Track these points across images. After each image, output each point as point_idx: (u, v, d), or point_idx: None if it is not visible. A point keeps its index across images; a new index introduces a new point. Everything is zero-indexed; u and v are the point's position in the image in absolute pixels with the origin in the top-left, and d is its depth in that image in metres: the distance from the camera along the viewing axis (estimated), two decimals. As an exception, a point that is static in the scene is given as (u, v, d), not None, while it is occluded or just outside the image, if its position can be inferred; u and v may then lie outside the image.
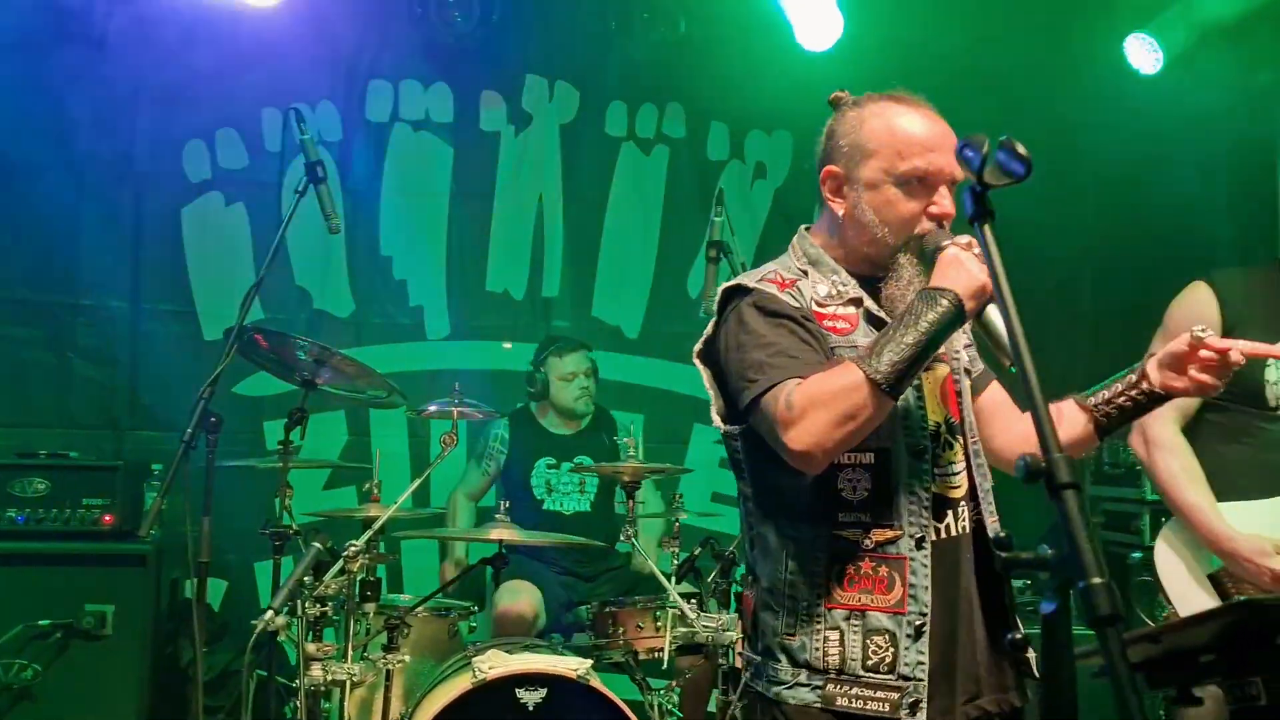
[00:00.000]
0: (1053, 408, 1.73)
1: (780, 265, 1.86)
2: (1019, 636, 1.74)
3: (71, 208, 4.58)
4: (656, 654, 3.17)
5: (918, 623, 1.70)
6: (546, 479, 4.20)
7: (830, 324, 1.77)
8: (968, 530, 1.80)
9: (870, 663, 1.70)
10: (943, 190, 1.76)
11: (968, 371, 1.93)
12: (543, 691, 2.88)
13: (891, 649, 1.70)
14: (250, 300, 2.96)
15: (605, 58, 5.14)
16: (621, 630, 3.23)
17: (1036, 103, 4.79)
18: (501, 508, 3.23)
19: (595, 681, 2.94)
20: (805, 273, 1.83)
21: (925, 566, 1.72)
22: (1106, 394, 1.84)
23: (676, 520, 3.40)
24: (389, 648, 3.03)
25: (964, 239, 1.69)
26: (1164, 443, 2.61)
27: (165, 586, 3.90)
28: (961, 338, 1.94)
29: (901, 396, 1.68)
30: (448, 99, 5.02)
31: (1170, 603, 2.60)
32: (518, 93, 5.11)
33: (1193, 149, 4.62)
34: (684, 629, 3.10)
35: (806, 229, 1.91)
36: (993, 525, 1.82)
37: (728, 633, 2.97)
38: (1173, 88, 4.60)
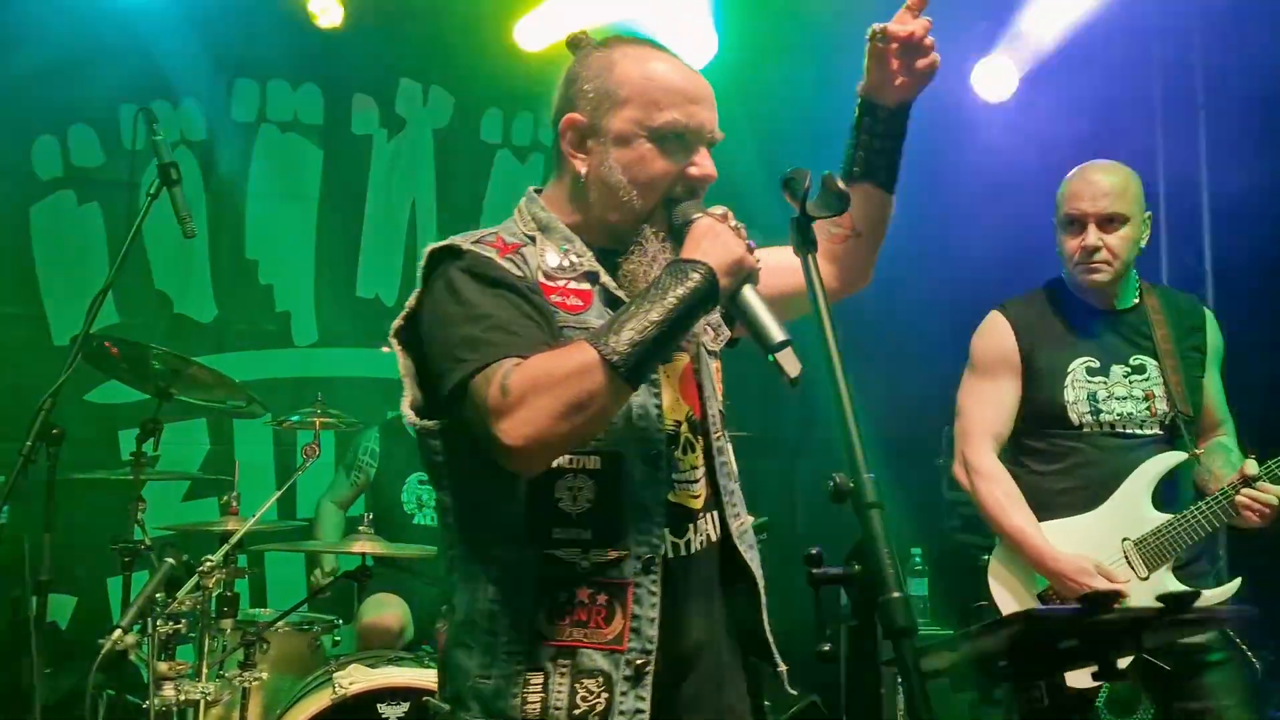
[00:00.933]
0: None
1: (503, 229, 1.56)
2: (781, 668, 1.59)
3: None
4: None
5: (639, 662, 1.42)
6: (418, 494, 4.13)
7: (559, 299, 1.48)
8: (713, 541, 1.55)
9: (578, 712, 1.40)
10: (703, 151, 1.52)
11: (712, 353, 1.65)
12: (405, 706, 2.85)
13: (605, 694, 1.41)
14: (98, 305, 2.85)
15: (481, 64, 5.11)
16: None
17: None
18: (366, 520, 3.18)
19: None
20: (532, 239, 1.54)
21: (653, 594, 1.44)
22: (852, 154, 1.66)
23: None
24: (246, 665, 2.95)
25: (719, 209, 1.46)
26: (985, 470, 2.70)
27: (5, 605, 3.70)
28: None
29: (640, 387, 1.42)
30: (317, 100, 4.93)
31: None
32: (391, 96, 5.05)
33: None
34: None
35: (537, 191, 1.62)
36: (739, 527, 1.59)
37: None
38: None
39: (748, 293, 1.40)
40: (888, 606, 0.88)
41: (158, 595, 2.80)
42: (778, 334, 1.36)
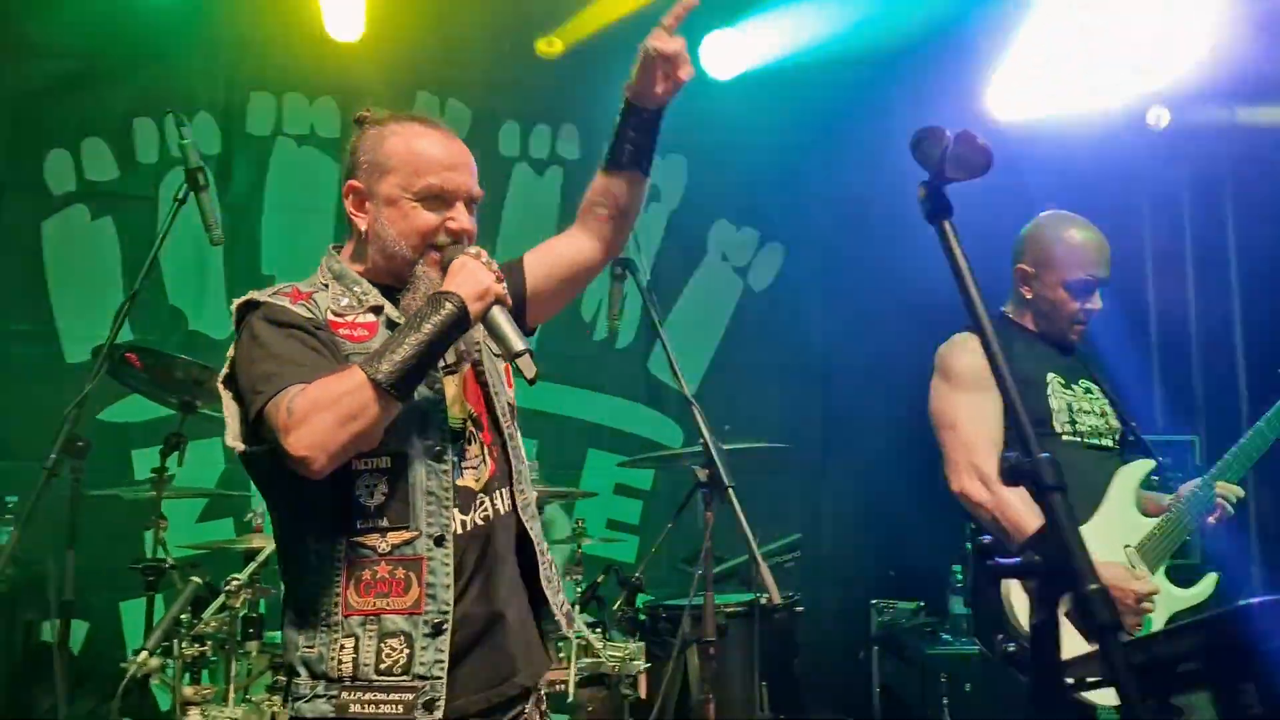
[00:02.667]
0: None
1: (304, 282, 1.86)
2: (564, 630, 1.88)
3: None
4: (559, 686, 3.05)
5: (436, 620, 1.70)
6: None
7: (347, 332, 1.77)
8: (502, 513, 1.82)
9: (384, 666, 1.68)
10: (459, 206, 1.81)
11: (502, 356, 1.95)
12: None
13: (407, 650, 1.69)
14: (123, 317, 2.75)
15: (498, 76, 5.05)
16: (521, 662, 3.10)
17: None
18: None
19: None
20: (326, 286, 1.84)
21: (446, 565, 1.72)
22: (621, 145, 1.94)
23: (579, 546, 3.30)
24: (273, 688, 2.83)
25: (474, 249, 1.75)
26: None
27: (19, 629, 3.58)
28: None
29: (418, 398, 1.72)
30: (334, 113, 4.85)
31: (1018, 635, 2.53)
32: (408, 109, 4.95)
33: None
34: (588, 660, 2.99)
35: (335, 248, 1.92)
36: (523, 501, 1.85)
37: (634, 662, 2.88)
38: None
39: (495, 313, 1.70)
40: (1088, 600, 0.78)
41: (182, 616, 2.69)
42: (516, 344, 1.67)
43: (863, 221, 5.43)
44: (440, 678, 1.68)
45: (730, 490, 2.39)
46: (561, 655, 3.06)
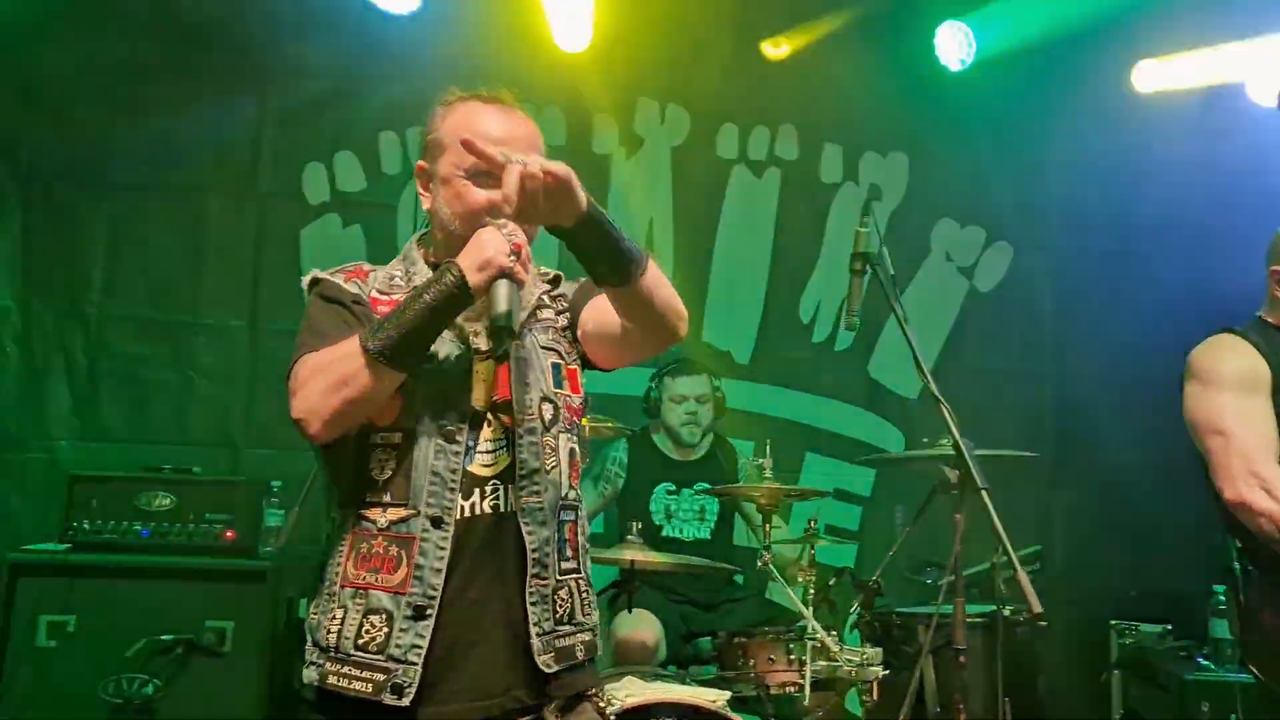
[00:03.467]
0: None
1: (381, 265, 1.92)
2: (544, 659, 1.73)
3: (196, 228, 4.66)
4: (790, 689, 3.02)
5: (419, 603, 1.66)
6: (666, 505, 4.08)
7: (385, 309, 1.75)
8: (502, 510, 1.75)
9: (361, 641, 1.67)
10: (510, 182, 1.71)
11: (557, 352, 1.90)
12: (677, 722, 2.76)
13: (385, 629, 1.67)
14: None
15: (717, 81, 5.08)
16: (752, 663, 3.09)
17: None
18: (634, 529, 3.12)
19: (732, 715, 2.80)
20: (396, 268, 1.89)
21: (441, 548, 1.69)
22: (588, 270, 1.79)
23: (812, 548, 3.25)
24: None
25: (502, 221, 1.69)
26: None
27: (283, 604, 3.87)
28: (560, 317, 1.95)
29: (445, 378, 1.73)
30: (560, 122, 5.01)
31: None
32: (630, 116, 5.08)
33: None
34: (824, 662, 2.94)
35: (423, 232, 1.95)
36: (528, 502, 1.76)
37: (872, 667, 2.81)
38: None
39: (499, 285, 1.64)
40: None
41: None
42: (496, 308, 1.62)
43: (1097, 221, 5.16)
44: (415, 664, 1.65)
45: (984, 493, 2.29)
46: (792, 658, 3.03)
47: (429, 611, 1.67)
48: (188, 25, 4.54)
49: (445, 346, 1.78)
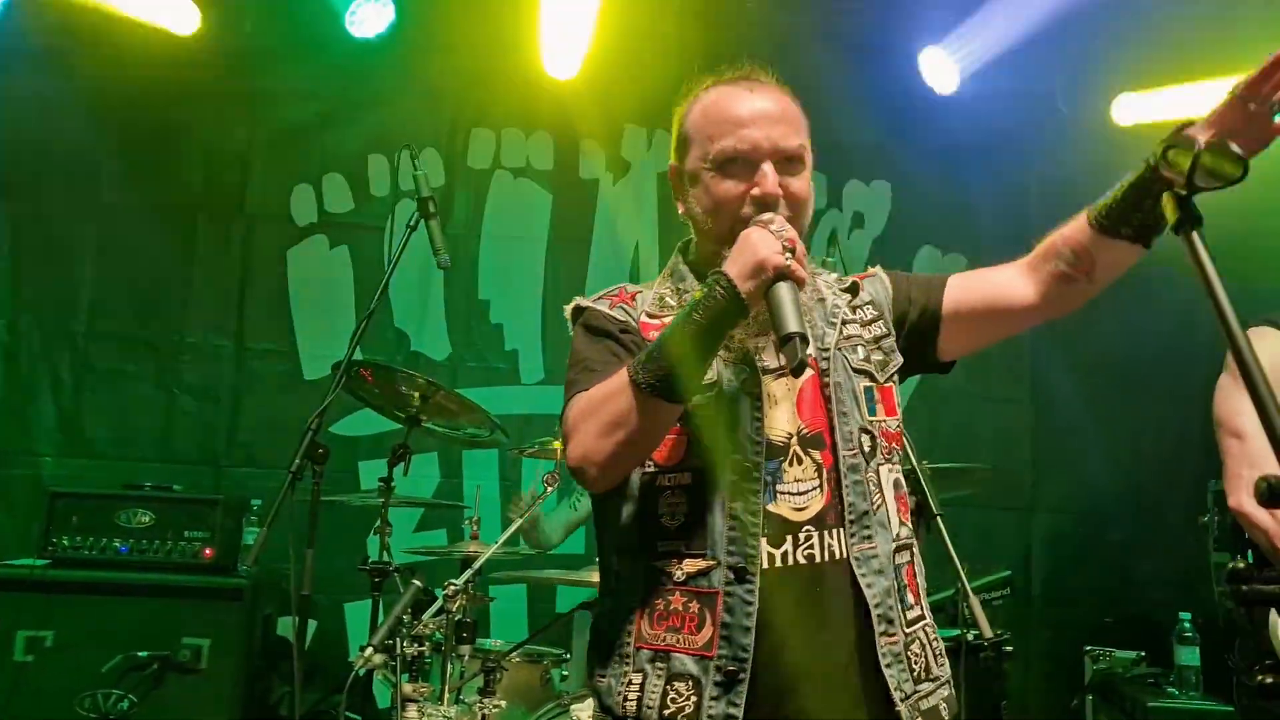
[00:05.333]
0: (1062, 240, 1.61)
1: (645, 285, 1.74)
2: (898, 707, 1.48)
3: (184, 248, 4.73)
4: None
5: (730, 668, 1.45)
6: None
7: (657, 333, 1.55)
8: (827, 559, 1.51)
9: (668, 712, 1.47)
10: (763, 169, 1.57)
11: (868, 374, 1.64)
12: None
13: (694, 698, 1.46)
14: (360, 334, 2.97)
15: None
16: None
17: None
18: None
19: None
20: (660, 285, 1.71)
21: (749, 603, 1.46)
22: (1138, 205, 1.51)
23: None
24: (485, 692, 2.96)
25: (767, 216, 1.52)
26: None
27: (259, 622, 3.90)
28: (867, 329, 1.69)
29: (733, 405, 1.52)
30: (548, 147, 5.08)
31: None
32: (617, 142, 5.15)
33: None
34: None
35: (685, 242, 1.75)
36: (862, 549, 1.52)
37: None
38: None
39: (779, 289, 1.42)
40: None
41: (404, 616, 2.86)
42: (786, 325, 1.39)
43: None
44: None
45: (939, 519, 2.32)
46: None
47: (741, 677, 1.45)
48: (177, 47, 4.62)
49: (729, 369, 1.57)
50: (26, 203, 4.63)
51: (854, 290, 1.73)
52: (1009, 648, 3.34)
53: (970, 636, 3.11)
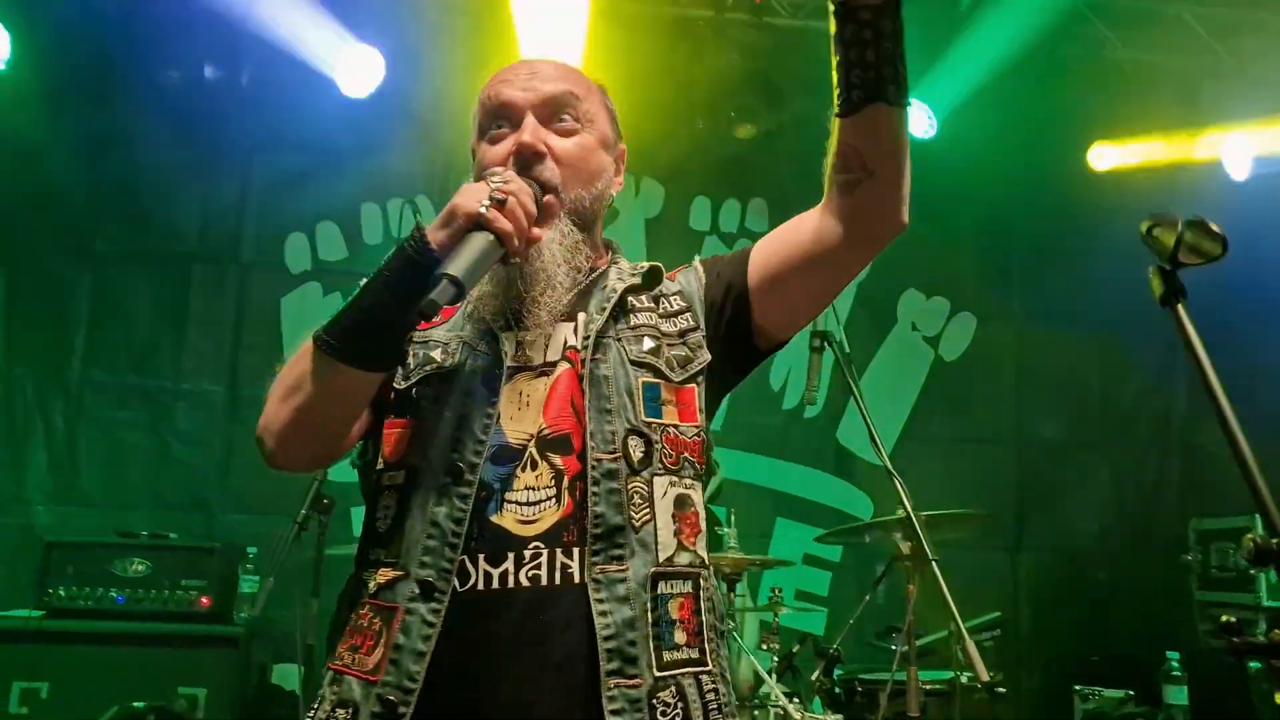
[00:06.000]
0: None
1: None
2: None
3: (178, 296, 4.76)
4: (753, 754, 3.07)
5: (390, 698, 1.23)
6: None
7: (422, 332, 1.44)
8: (557, 582, 1.29)
9: None
10: (525, 121, 1.43)
11: (653, 369, 1.42)
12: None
13: None
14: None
15: (690, 155, 5.26)
16: (717, 729, 3.14)
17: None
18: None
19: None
20: None
21: (429, 624, 1.25)
22: (845, 74, 1.32)
23: (776, 616, 3.33)
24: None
25: (496, 170, 1.36)
26: None
27: (255, 670, 3.90)
28: (670, 321, 1.49)
29: (465, 398, 1.34)
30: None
31: None
32: (605, 186, 5.23)
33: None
34: (786, 729, 3.01)
35: None
36: (607, 572, 1.30)
37: (833, 734, 2.87)
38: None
39: (472, 237, 1.26)
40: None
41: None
42: (444, 268, 1.22)
43: (1057, 291, 5.33)
44: None
45: (934, 564, 2.38)
46: (757, 724, 3.08)
47: (401, 711, 1.23)
48: (173, 99, 4.68)
49: (472, 357, 1.39)
50: (21, 251, 4.66)
51: (652, 277, 1.54)
52: (1001, 689, 3.39)
53: (964, 679, 3.16)
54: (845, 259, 1.45)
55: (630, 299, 1.48)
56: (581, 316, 1.43)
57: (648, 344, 1.43)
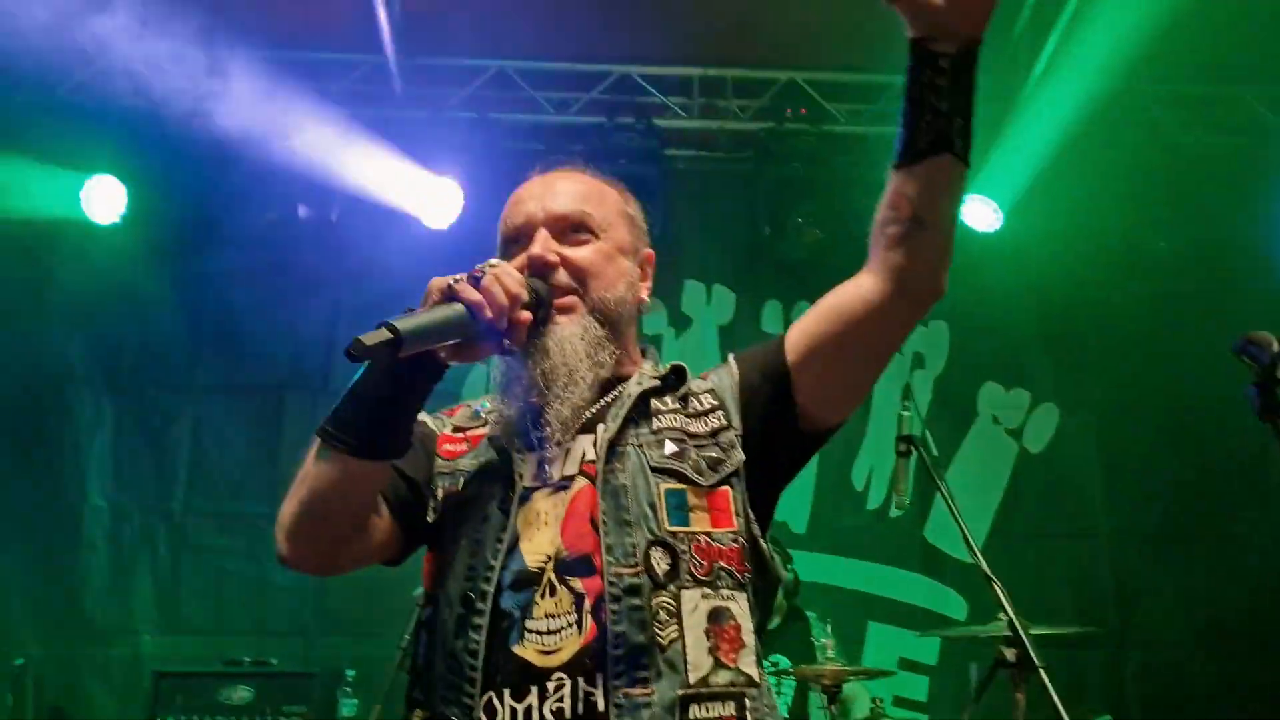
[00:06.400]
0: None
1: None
2: None
3: (272, 425, 4.95)
4: None
5: None
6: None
7: (450, 448, 1.43)
8: (581, 713, 1.23)
9: None
10: (537, 234, 1.44)
11: (677, 474, 1.36)
12: None
13: None
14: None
15: (759, 261, 5.37)
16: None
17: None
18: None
19: None
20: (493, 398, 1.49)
21: None
22: (915, 121, 1.29)
23: (879, 725, 3.27)
24: None
25: (491, 261, 1.37)
26: None
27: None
28: (699, 421, 1.43)
29: (477, 520, 1.31)
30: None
31: None
32: (677, 297, 5.36)
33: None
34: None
35: None
36: (633, 698, 1.22)
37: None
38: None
39: (438, 305, 1.28)
40: None
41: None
42: (395, 318, 1.22)
43: (1140, 379, 5.25)
44: None
45: (1042, 671, 2.35)
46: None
47: None
48: (268, 238, 4.94)
49: (484, 479, 1.37)
50: (127, 385, 4.90)
51: (677, 377, 1.49)
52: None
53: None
54: (889, 318, 1.38)
55: (654, 402, 1.43)
56: (600, 428, 1.38)
57: (670, 448, 1.38)
